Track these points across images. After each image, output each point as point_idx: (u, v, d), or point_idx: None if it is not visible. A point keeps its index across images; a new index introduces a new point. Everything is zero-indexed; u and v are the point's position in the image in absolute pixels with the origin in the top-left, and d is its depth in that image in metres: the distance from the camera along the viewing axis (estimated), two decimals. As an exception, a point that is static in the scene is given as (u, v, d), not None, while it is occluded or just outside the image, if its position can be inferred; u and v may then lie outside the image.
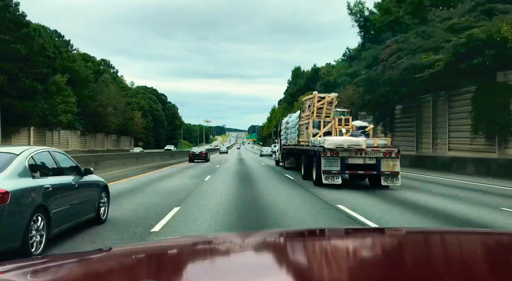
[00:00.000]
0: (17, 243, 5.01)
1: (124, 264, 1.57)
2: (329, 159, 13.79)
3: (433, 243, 1.82)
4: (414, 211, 9.53)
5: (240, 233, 4.13)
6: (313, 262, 1.52)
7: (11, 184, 5.08)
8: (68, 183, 6.62)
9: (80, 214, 6.95)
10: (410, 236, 2.03)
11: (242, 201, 10.94)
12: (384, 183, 13.81)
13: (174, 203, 10.40)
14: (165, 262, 1.60)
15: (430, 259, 1.47)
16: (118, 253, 1.73)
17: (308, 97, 18.12)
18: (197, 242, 1.98)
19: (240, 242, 1.96)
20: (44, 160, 6.28)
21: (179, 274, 1.40)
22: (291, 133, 21.88)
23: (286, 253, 1.67)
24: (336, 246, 1.82)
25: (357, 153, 13.77)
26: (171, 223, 7.89)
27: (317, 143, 14.68)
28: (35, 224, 5.33)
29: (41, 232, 5.48)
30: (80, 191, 6.95)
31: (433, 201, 11.13)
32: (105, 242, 6.30)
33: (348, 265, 1.45)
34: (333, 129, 16.22)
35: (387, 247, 1.81)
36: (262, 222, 8.03)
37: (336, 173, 13.80)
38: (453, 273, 1.31)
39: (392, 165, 13.76)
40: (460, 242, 1.80)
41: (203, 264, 1.53)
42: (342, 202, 10.53)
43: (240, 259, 1.63)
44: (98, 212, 7.59)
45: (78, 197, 6.83)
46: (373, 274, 1.32)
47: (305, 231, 2.57)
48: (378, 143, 14.35)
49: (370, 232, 2.69)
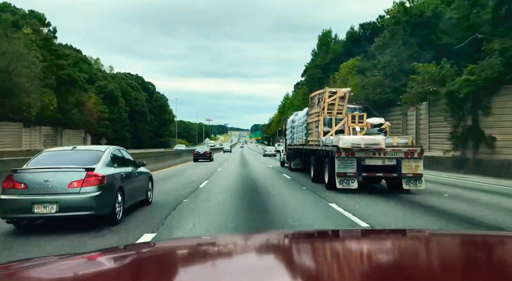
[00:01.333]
0: (109, 211, 7.30)
1: (126, 265, 1.58)
2: (344, 160, 12.33)
3: (443, 245, 1.84)
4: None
5: (241, 234, 4.13)
6: (315, 263, 1.52)
7: (105, 171, 7.43)
8: (132, 172, 8.95)
9: (138, 196, 9.28)
10: (415, 238, 2.02)
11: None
12: (405, 186, 12.35)
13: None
14: (166, 263, 1.60)
15: (439, 261, 1.50)
16: (119, 254, 1.72)
17: (317, 92, 16.64)
18: (199, 243, 1.99)
19: (242, 243, 1.96)
20: (117, 155, 8.64)
21: (180, 275, 1.41)
22: (298, 132, 20.39)
23: (287, 254, 1.70)
24: (340, 248, 1.80)
25: (375, 153, 12.32)
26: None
27: (330, 143, 13.21)
28: (117, 199, 7.62)
29: (121, 205, 7.79)
30: (138, 179, 9.28)
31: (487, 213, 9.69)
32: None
33: (353, 267, 1.44)
34: (345, 127, 14.75)
35: (390, 249, 1.78)
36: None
37: (351, 176, 12.33)
38: (460, 276, 1.32)
39: (414, 167, 12.30)
40: (472, 245, 1.80)
41: (205, 265, 1.54)
42: (370, 217, 8.50)
43: (241, 260, 1.63)
44: (147, 195, 10.00)
45: (137, 183, 9.21)
46: (376, 276, 1.33)
47: (307, 232, 2.70)
48: (398, 142, 12.87)
49: (374, 233, 2.63)
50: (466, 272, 1.37)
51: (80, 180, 6.97)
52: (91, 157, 7.77)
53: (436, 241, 1.94)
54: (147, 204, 9.84)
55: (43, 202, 6.81)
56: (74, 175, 7.03)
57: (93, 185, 7.02)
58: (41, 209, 6.80)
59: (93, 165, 7.29)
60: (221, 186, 15.01)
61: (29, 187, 6.89)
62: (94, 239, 6.52)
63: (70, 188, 6.91)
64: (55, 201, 6.82)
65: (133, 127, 79.44)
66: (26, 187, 6.89)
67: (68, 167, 7.17)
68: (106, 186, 7.20)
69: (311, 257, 1.62)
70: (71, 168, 7.15)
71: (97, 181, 7.07)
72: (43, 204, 6.80)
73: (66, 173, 7.08)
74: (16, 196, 6.87)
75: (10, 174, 7.07)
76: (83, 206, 6.94)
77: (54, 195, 6.85)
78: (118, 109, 71.37)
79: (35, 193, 6.85)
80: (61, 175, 7.04)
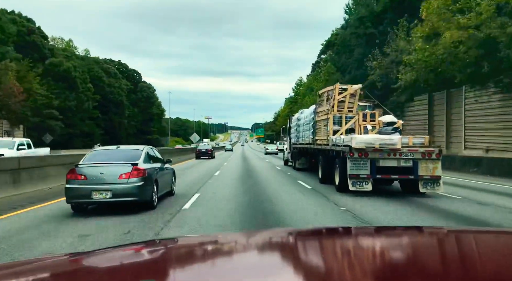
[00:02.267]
0: (149, 198, 9.12)
1: (126, 263, 1.55)
2: (357, 161, 11.56)
3: (452, 242, 1.81)
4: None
5: (242, 232, 4.06)
6: (319, 261, 1.50)
7: (145, 166, 9.21)
8: (161, 167, 10.63)
9: (165, 188, 10.90)
10: (423, 235, 1.97)
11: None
12: (422, 189, 11.58)
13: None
14: (166, 261, 1.59)
15: (441, 258, 1.48)
16: (120, 253, 1.72)
17: (327, 89, 15.84)
18: (200, 241, 1.96)
19: (242, 241, 1.92)
20: (151, 153, 10.41)
21: (180, 273, 1.39)
22: (304, 130, 19.58)
23: (290, 252, 1.67)
24: (344, 245, 1.78)
25: (390, 154, 11.55)
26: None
27: (341, 142, 12.44)
28: (154, 189, 9.40)
29: (156, 194, 9.57)
30: (166, 173, 11.03)
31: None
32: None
33: (356, 264, 1.42)
34: (356, 126, 13.97)
35: (393, 246, 1.75)
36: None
37: (365, 178, 11.56)
38: (464, 273, 1.30)
39: (432, 168, 11.53)
40: (478, 242, 1.75)
41: (206, 263, 1.51)
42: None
43: (242, 258, 1.61)
44: (171, 188, 11.79)
45: (165, 177, 10.92)
46: (377, 272, 1.31)
47: (310, 230, 2.70)
48: (413, 141, 12.11)
49: (377, 231, 2.47)
50: (478, 269, 1.35)
51: (128, 172, 8.81)
52: (132, 155, 9.62)
53: (446, 238, 1.90)
54: (171, 195, 11.63)
55: (100, 190, 8.68)
56: (123, 169, 8.86)
57: (137, 176, 8.86)
58: (98, 196, 8.69)
59: (136, 161, 9.10)
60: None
61: (88, 178, 8.74)
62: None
63: (120, 179, 8.76)
64: (109, 189, 8.70)
65: (106, 121, 64.88)
66: (85, 178, 8.74)
67: (118, 162, 9.07)
68: (147, 177, 9.09)
69: (315, 255, 1.60)
70: (120, 163, 9.03)
71: (140, 174, 8.93)
72: (99, 192, 8.68)
73: (116, 167, 8.94)
74: (78, 185, 8.74)
75: (72, 168, 9.00)
76: (130, 193, 8.75)
77: (107, 184, 8.71)
78: (79, 97, 54.25)
79: (93, 183, 8.69)
80: (112, 168, 8.91)
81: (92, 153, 10.01)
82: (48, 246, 6.23)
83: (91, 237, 6.81)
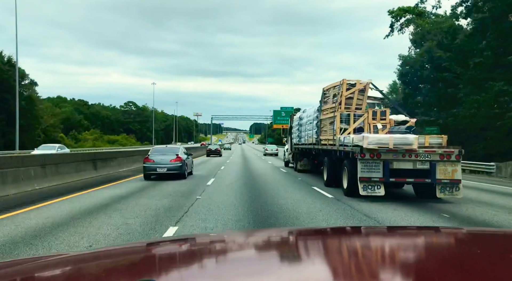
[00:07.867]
0: (183, 172, 17.37)
1: (126, 263, 1.55)
2: (368, 163, 10.49)
3: (456, 243, 1.77)
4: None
5: (242, 232, 4.02)
6: (321, 260, 1.49)
7: (182, 156, 17.60)
8: (188, 157, 18.79)
9: (190, 168, 19.02)
10: (428, 235, 1.94)
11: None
12: (440, 195, 10.52)
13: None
14: (166, 261, 1.57)
15: (451, 258, 1.43)
16: (120, 252, 1.72)
17: (332, 85, 14.73)
18: (200, 241, 1.94)
19: (243, 241, 1.88)
20: (182, 149, 18.87)
21: (180, 273, 1.36)
22: (307, 130, 18.50)
23: (293, 251, 1.66)
24: (348, 245, 1.75)
25: (405, 155, 10.48)
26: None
27: (350, 142, 11.35)
28: (185, 167, 17.71)
29: (186, 171, 17.68)
30: (189, 161, 19.09)
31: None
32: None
33: (357, 264, 1.39)
34: (365, 124, 12.87)
35: (393, 246, 1.70)
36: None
37: (377, 181, 10.49)
38: (467, 273, 1.24)
39: (451, 171, 10.47)
40: (491, 243, 1.69)
41: (206, 263, 1.49)
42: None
43: (242, 258, 1.58)
44: (191, 170, 19.77)
45: (189, 162, 18.86)
46: (377, 272, 1.28)
47: (311, 230, 2.66)
48: (430, 142, 11.04)
49: (377, 231, 2.47)
50: (481, 270, 1.27)
51: (174, 158, 16.90)
52: (174, 149, 18.40)
53: (449, 238, 1.87)
54: (191, 174, 19.16)
55: (161, 167, 16.66)
56: (171, 156, 17.01)
57: (178, 161, 16.92)
58: (159, 170, 16.65)
59: (177, 153, 17.39)
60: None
61: (154, 161, 16.80)
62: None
63: (170, 162, 16.79)
64: (165, 167, 16.68)
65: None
66: (153, 161, 16.80)
67: (168, 153, 17.43)
68: (183, 161, 17.14)
69: (316, 255, 1.57)
70: (169, 153, 17.36)
71: (180, 159, 16.99)
72: (161, 168, 16.65)
73: (168, 155, 17.10)
74: (149, 165, 16.76)
75: (146, 156, 17.27)
76: (175, 169, 16.77)
77: (164, 164, 16.70)
78: None
79: (157, 164, 16.74)
80: (166, 156, 17.05)
81: (154, 148, 19.33)
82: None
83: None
